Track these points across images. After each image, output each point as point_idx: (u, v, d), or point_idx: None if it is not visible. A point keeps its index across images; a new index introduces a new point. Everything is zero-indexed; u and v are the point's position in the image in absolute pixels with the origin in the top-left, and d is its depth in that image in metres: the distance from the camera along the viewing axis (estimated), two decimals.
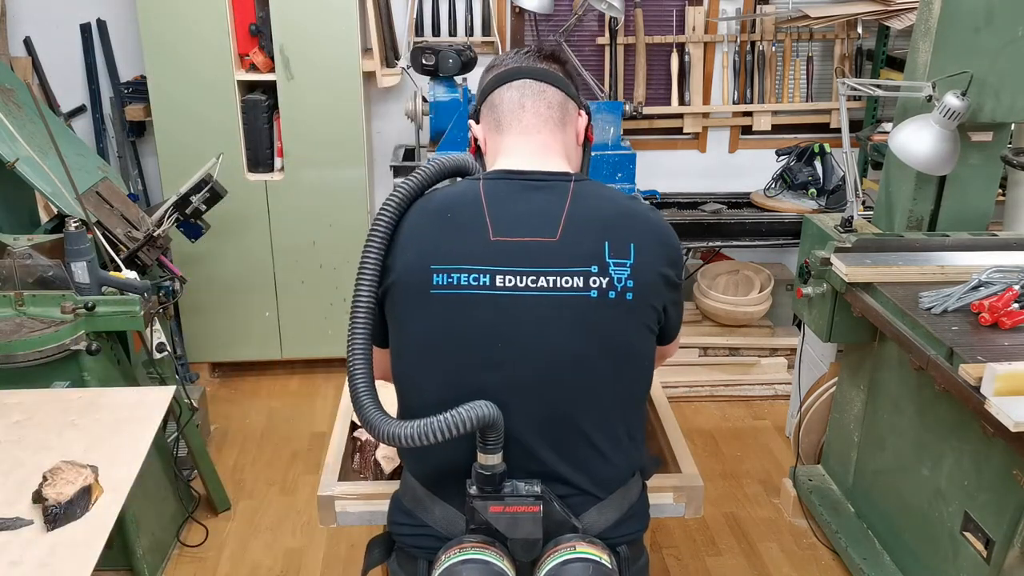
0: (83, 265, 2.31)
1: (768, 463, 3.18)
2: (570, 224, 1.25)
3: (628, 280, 1.24)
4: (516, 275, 1.23)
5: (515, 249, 1.24)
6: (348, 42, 3.32)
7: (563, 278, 1.23)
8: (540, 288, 1.23)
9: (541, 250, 1.24)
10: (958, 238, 2.41)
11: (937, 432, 2.16)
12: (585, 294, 1.23)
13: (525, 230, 1.25)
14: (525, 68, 1.36)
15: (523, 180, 1.30)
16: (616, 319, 1.25)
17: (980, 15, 2.19)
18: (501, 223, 1.25)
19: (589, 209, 1.28)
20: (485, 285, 1.23)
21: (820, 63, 3.93)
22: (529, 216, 1.27)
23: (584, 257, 1.24)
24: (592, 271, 1.23)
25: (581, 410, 1.26)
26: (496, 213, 1.26)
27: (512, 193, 1.29)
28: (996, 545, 1.92)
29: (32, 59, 3.68)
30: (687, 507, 1.59)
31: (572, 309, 1.23)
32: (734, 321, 3.73)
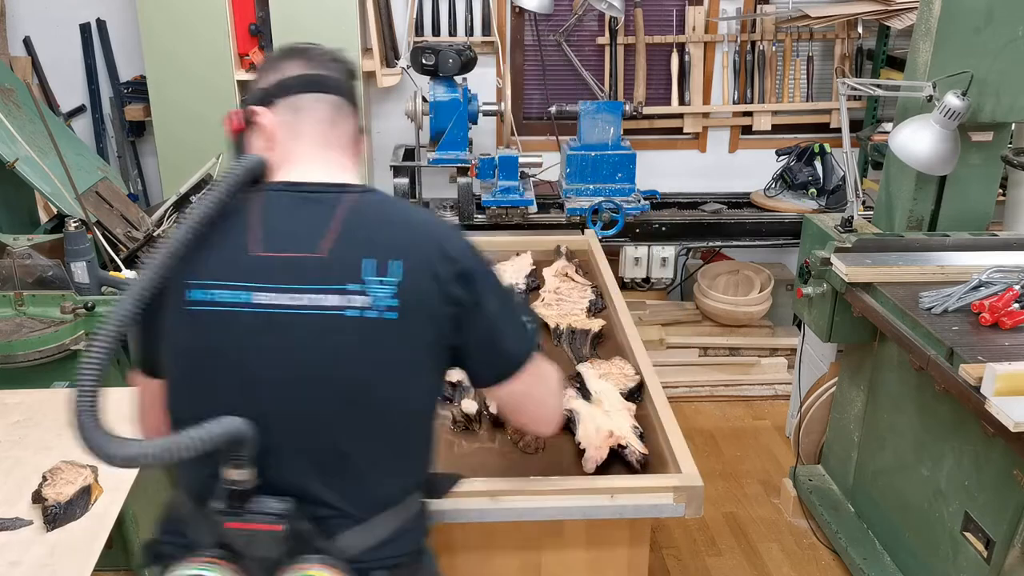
0: (83, 265, 2.31)
1: (768, 463, 3.18)
2: (339, 239, 1.19)
3: (391, 299, 1.16)
4: (275, 292, 1.17)
5: (277, 265, 1.18)
6: (348, 42, 3.31)
7: (322, 296, 1.16)
8: (300, 306, 1.16)
9: (304, 266, 1.17)
10: (958, 238, 2.41)
11: (937, 432, 2.16)
12: (340, 313, 1.16)
13: (291, 245, 1.18)
14: (332, 80, 1.30)
15: (300, 192, 1.23)
16: (376, 340, 1.17)
17: (980, 15, 2.19)
18: (267, 237, 1.19)
19: (361, 224, 1.21)
20: (243, 302, 1.17)
21: (820, 63, 3.93)
22: (298, 230, 1.20)
23: (346, 275, 1.17)
24: (350, 289, 1.17)
25: (339, 431, 1.20)
26: (263, 226, 1.20)
27: (286, 206, 1.22)
28: (996, 545, 1.92)
29: (32, 59, 3.68)
30: (687, 507, 1.58)
31: (329, 328, 1.17)
32: (734, 321, 3.73)
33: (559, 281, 2.51)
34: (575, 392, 1.90)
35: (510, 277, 2.52)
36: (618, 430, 1.72)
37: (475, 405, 1.84)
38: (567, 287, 2.47)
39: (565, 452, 1.74)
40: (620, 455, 1.68)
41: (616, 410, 1.81)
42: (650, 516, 1.65)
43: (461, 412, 1.83)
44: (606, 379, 1.93)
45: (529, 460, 1.72)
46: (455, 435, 1.81)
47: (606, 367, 1.99)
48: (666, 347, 3.71)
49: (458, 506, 1.56)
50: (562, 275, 2.55)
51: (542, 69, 3.87)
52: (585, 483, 1.60)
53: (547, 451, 1.75)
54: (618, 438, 1.69)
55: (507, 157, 3.32)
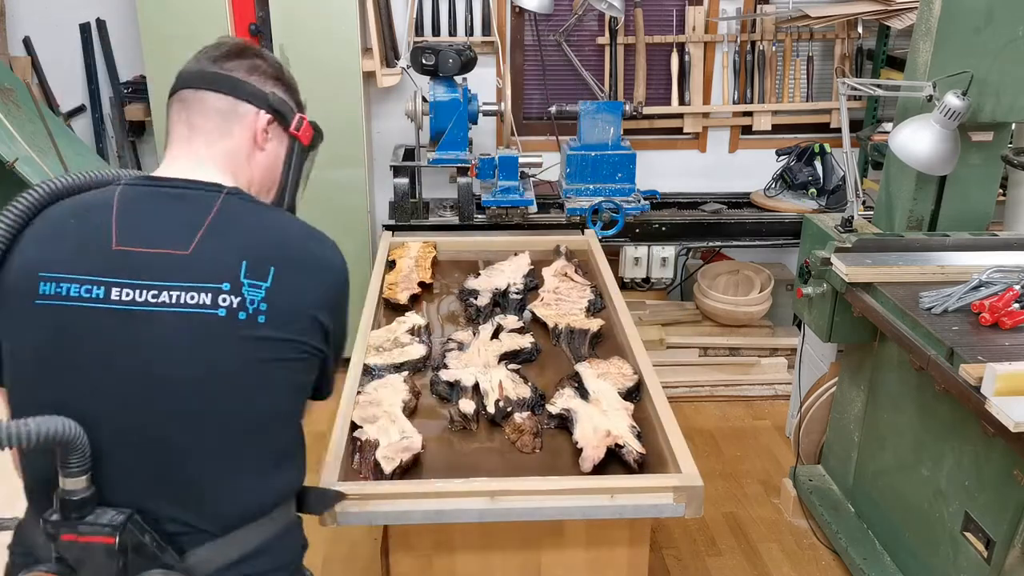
0: None
1: (768, 463, 3.17)
2: (208, 238, 1.15)
3: (262, 303, 1.14)
4: (135, 288, 1.12)
5: (139, 260, 1.13)
6: (348, 42, 3.31)
7: (189, 294, 1.12)
8: (161, 304, 1.12)
9: (169, 263, 1.13)
10: (958, 238, 2.41)
11: (937, 432, 2.16)
12: (212, 312, 1.12)
13: (156, 241, 1.14)
14: (189, 74, 1.28)
15: (165, 188, 1.20)
16: (245, 341, 1.14)
17: (980, 15, 2.19)
18: (130, 232, 1.15)
19: (234, 225, 1.18)
20: (98, 298, 1.12)
21: (820, 63, 3.93)
22: (163, 226, 1.16)
23: (217, 273, 1.13)
24: (223, 288, 1.13)
25: (193, 439, 1.14)
26: (126, 221, 1.15)
27: (150, 201, 1.19)
28: (996, 545, 1.92)
29: (32, 59, 3.68)
30: (687, 507, 1.58)
31: (196, 327, 1.12)
32: (734, 321, 3.73)
33: (558, 281, 2.51)
34: (573, 392, 1.90)
35: (508, 277, 2.52)
36: (616, 430, 1.72)
37: (473, 405, 1.85)
38: (566, 287, 2.48)
39: (563, 452, 1.74)
40: (617, 455, 1.68)
41: (614, 410, 1.81)
42: (650, 516, 1.65)
43: (459, 412, 1.83)
44: (604, 379, 1.94)
45: (527, 460, 1.73)
46: (453, 435, 1.81)
47: (604, 367, 1.99)
48: (666, 347, 3.71)
49: (458, 506, 1.56)
50: (561, 275, 2.55)
51: (542, 69, 3.86)
52: (585, 483, 1.60)
53: (545, 451, 1.75)
54: (615, 438, 1.69)
55: (507, 157, 3.32)
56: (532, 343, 2.14)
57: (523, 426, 1.78)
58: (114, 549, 1.09)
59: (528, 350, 2.11)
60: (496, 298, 2.41)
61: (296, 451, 1.29)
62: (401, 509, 1.57)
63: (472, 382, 1.91)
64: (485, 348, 2.09)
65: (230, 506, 1.19)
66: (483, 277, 2.54)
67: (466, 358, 2.05)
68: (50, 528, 1.10)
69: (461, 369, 1.99)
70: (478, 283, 2.49)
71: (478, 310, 2.35)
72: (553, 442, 1.78)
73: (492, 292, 2.42)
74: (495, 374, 1.93)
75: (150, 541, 1.12)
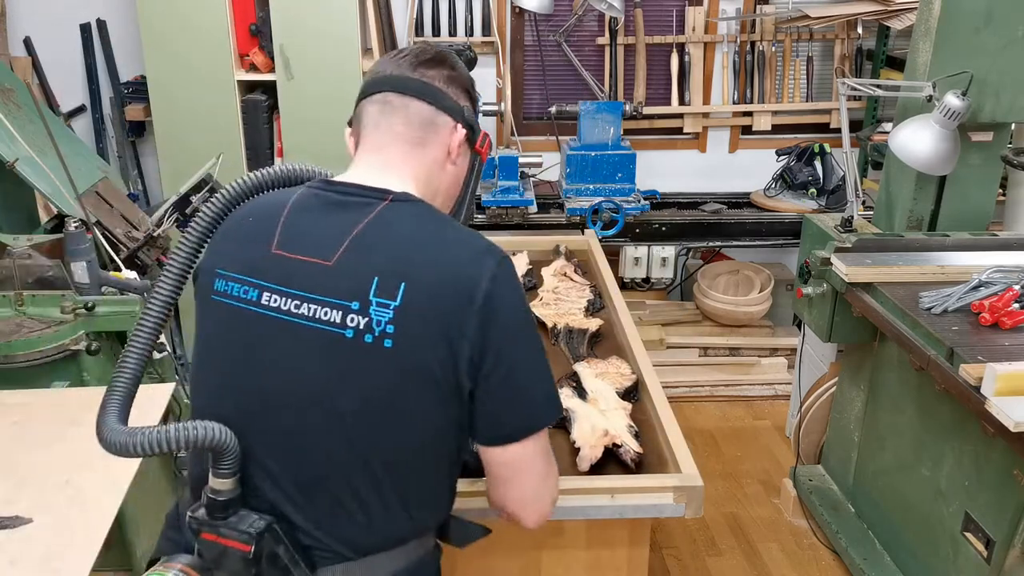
0: (83, 265, 2.31)
1: (768, 463, 3.17)
2: (352, 249, 1.10)
3: (388, 325, 1.06)
4: (283, 296, 1.10)
5: (290, 266, 1.11)
6: (348, 42, 3.32)
7: (323, 308, 1.08)
8: (300, 315, 1.09)
9: (314, 272, 1.09)
10: (958, 238, 2.41)
11: (937, 432, 2.16)
12: (340, 332, 1.07)
13: (309, 248, 1.11)
14: (391, 78, 1.20)
15: (334, 193, 1.17)
16: (371, 367, 1.07)
17: (980, 15, 2.19)
18: (290, 237, 1.13)
19: (383, 235, 1.11)
20: (252, 300, 1.12)
21: (820, 63, 3.93)
22: (320, 233, 1.12)
23: (349, 289, 1.08)
24: (352, 307, 1.07)
25: (326, 462, 1.11)
26: (290, 225, 1.14)
27: (318, 206, 1.16)
28: (996, 545, 1.92)
29: (32, 59, 3.68)
30: (687, 507, 1.58)
31: (325, 346, 1.08)
32: (734, 321, 3.73)
33: (557, 280, 2.51)
34: (571, 391, 1.90)
35: None
36: (613, 429, 1.72)
37: None
38: (565, 286, 2.47)
39: (561, 452, 1.74)
40: (615, 454, 1.68)
41: (612, 409, 1.81)
42: (650, 516, 1.65)
43: None
44: (602, 378, 1.93)
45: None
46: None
47: (603, 366, 1.99)
48: (666, 347, 3.71)
49: (458, 506, 1.56)
50: (561, 275, 2.55)
51: (542, 69, 3.87)
52: (585, 483, 1.60)
53: None
54: (613, 437, 1.69)
55: (507, 157, 3.32)
56: None
57: None
58: (249, 557, 1.08)
59: None
60: None
61: (442, 490, 1.21)
62: None
63: None
64: None
65: (367, 534, 1.14)
66: None
67: None
68: (194, 524, 1.11)
69: None
70: None
71: None
72: (551, 441, 1.77)
73: None
74: None
75: (284, 553, 1.10)
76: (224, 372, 1.16)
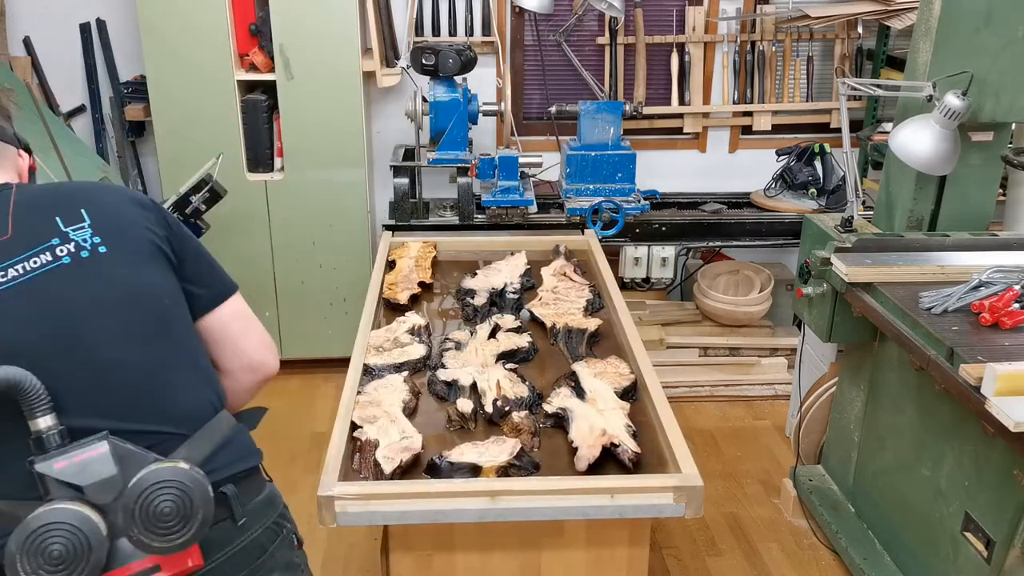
0: None
1: (768, 463, 3.17)
2: (16, 216, 1.29)
3: (94, 237, 1.28)
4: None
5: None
6: (348, 42, 3.32)
7: (30, 261, 1.25)
8: (13, 279, 1.24)
9: (3, 247, 1.26)
10: (958, 238, 2.41)
11: (937, 432, 2.16)
12: (58, 263, 1.26)
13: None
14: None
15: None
16: (103, 271, 1.28)
17: (980, 15, 2.19)
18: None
19: (32, 200, 1.32)
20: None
21: (820, 63, 3.93)
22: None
23: (40, 235, 1.27)
24: (55, 243, 1.27)
25: (120, 362, 1.27)
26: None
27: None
28: (996, 545, 1.92)
29: (32, 59, 3.68)
30: (687, 507, 1.58)
31: (54, 280, 1.25)
32: (734, 321, 3.73)
33: (557, 280, 2.51)
34: (569, 391, 1.90)
35: (505, 276, 2.53)
36: (611, 429, 1.72)
37: (471, 404, 1.85)
38: (564, 286, 2.48)
39: (559, 451, 1.74)
40: (613, 454, 1.68)
41: (610, 409, 1.81)
42: (650, 516, 1.65)
43: (457, 411, 1.84)
44: (601, 378, 1.94)
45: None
46: (451, 434, 1.81)
47: (601, 366, 1.99)
48: (666, 347, 3.71)
49: (458, 506, 1.57)
50: (560, 274, 2.55)
51: (542, 69, 3.87)
52: (585, 483, 1.60)
53: (541, 450, 1.75)
54: (611, 437, 1.69)
55: (507, 157, 3.32)
56: (529, 342, 2.14)
57: (521, 425, 1.78)
58: (107, 453, 1.18)
59: (525, 349, 2.11)
60: (493, 298, 2.41)
61: (194, 347, 1.39)
62: (401, 509, 1.57)
63: (470, 381, 1.92)
64: (482, 347, 2.09)
65: (183, 408, 1.30)
66: (480, 277, 2.54)
67: (463, 357, 2.05)
68: (41, 467, 1.16)
69: (459, 368, 1.99)
70: (475, 283, 2.49)
71: (475, 310, 2.35)
72: (549, 441, 1.78)
73: (489, 292, 2.42)
74: (492, 373, 1.93)
75: (136, 448, 1.21)
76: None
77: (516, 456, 1.66)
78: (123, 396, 1.26)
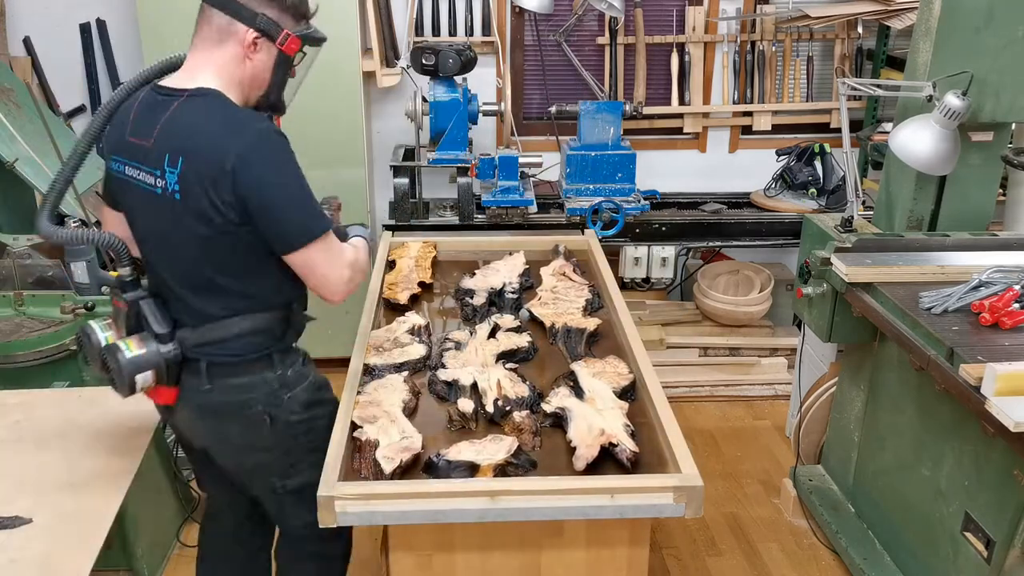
0: (83, 265, 2.31)
1: (768, 463, 3.18)
2: (160, 134, 1.59)
3: (175, 185, 1.58)
4: (135, 168, 1.64)
5: (134, 147, 1.63)
6: (348, 42, 3.32)
7: (148, 175, 1.61)
8: (141, 180, 1.63)
9: (141, 150, 1.62)
10: (958, 238, 2.41)
11: (937, 432, 2.16)
12: (153, 190, 1.61)
13: (141, 133, 1.62)
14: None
15: (156, 94, 1.65)
16: (172, 211, 1.60)
17: (980, 15, 2.19)
18: (136, 125, 1.64)
19: (176, 124, 1.59)
20: (121, 172, 1.67)
21: (820, 63, 3.93)
22: (148, 122, 1.62)
23: (157, 162, 1.59)
24: (157, 173, 1.60)
25: (178, 259, 1.67)
26: (136, 117, 1.65)
27: (149, 104, 1.65)
28: (996, 545, 1.92)
29: (32, 59, 3.68)
30: (687, 507, 1.58)
31: (152, 200, 1.62)
32: (734, 321, 3.73)
33: (556, 280, 2.51)
34: (568, 390, 1.90)
35: (504, 276, 2.52)
36: (610, 428, 1.72)
37: (471, 404, 1.85)
38: (564, 286, 2.48)
39: (558, 451, 1.74)
40: (611, 453, 1.68)
41: (608, 408, 1.81)
42: (650, 516, 1.65)
43: (458, 411, 1.84)
44: (599, 378, 1.94)
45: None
46: (452, 433, 1.81)
47: (600, 366, 1.99)
48: (666, 347, 3.71)
49: (458, 506, 1.57)
50: (559, 274, 2.55)
51: (542, 69, 3.87)
52: (585, 483, 1.60)
53: (540, 450, 1.75)
54: (609, 436, 1.69)
55: (507, 157, 3.32)
56: (529, 342, 2.14)
57: (522, 425, 1.78)
58: (123, 311, 1.70)
59: (525, 349, 2.11)
60: (492, 297, 2.41)
61: (262, 274, 1.71)
62: (401, 509, 1.57)
63: (470, 381, 1.92)
64: (482, 347, 2.09)
65: (205, 313, 1.70)
66: (479, 277, 2.54)
67: (463, 357, 2.05)
68: (111, 295, 1.75)
69: (459, 368, 1.99)
70: (474, 283, 2.49)
71: (474, 309, 2.35)
72: (548, 441, 1.78)
73: (488, 292, 2.42)
74: (493, 373, 1.93)
75: (147, 312, 1.70)
76: (129, 219, 1.75)
77: (513, 454, 1.66)
78: (183, 287, 1.70)
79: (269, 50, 1.67)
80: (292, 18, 1.71)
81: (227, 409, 1.74)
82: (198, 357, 1.70)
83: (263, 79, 1.70)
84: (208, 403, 1.73)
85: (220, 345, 1.70)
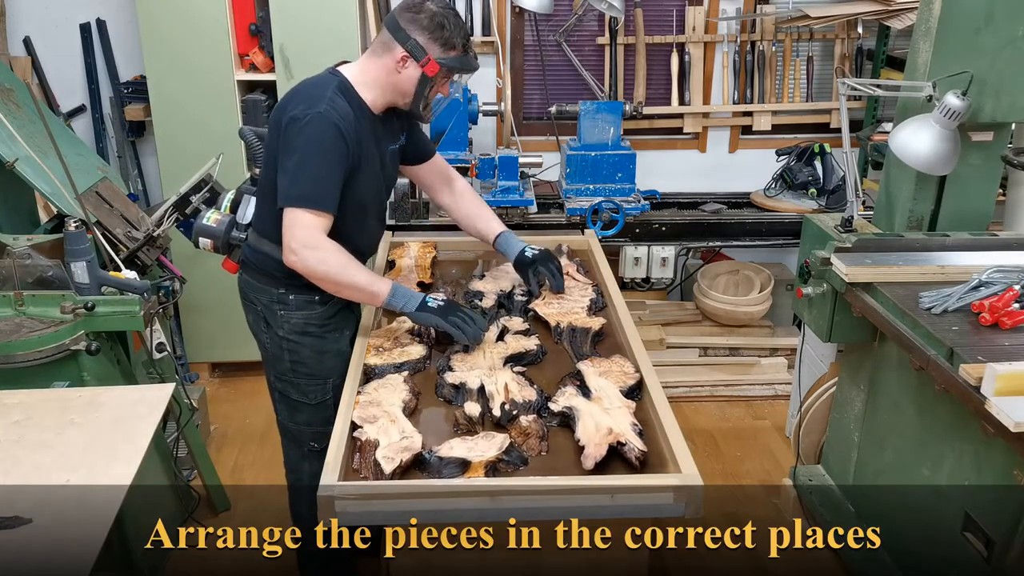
0: (83, 265, 2.31)
1: (768, 463, 3.17)
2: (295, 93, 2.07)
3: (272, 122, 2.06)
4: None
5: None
6: (348, 42, 3.31)
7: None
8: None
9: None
10: (958, 238, 2.41)
11: (937, 432, 2.16)
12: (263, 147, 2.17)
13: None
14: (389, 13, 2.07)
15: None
16: (268, 142, 2.08)
17: (980, 15, 2.19)
18: None
19: (291, 94, 2.09)
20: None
21: (820, 63, 3.93)
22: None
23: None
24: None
25: (263, 191, 2.15)
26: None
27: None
28: (996, 545, 1.92)
29: (32, 59, 3.68)
30: (687, 507, 1.59)
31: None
32: (734, 321, 3.73)
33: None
34: (575, 390, 1.90)
35: (513, 279, 2.52)
36: (617, 427, 1.72)
37: (478, 408, 1.84)
38: (568, 285, 2.47)
39: (565, 451, 1.74)
40: (619, 452, 1.68)
41: (615, 408, 1.81)
42: (650, 516, 1.65)
43: (464, 415, 1.83)
44: (606, 377, 1.93)
45: (530, 460, 1.72)
46: (459, 436, 1.81)
47: (606, 365, 1.99)
48: (666, 347, 3.71)
49: (458, 506, 1.56)
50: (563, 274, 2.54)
51: (542, 69, 3.87)
52: (585, 482, 1.60)
53: (547, 449, 1.75)
54: (617, 435, 1.69)
55: (507, 157, 3.32)
56: (538, 345, 2.13)
57: (529, 429, 1.77)
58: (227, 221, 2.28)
59: (534, 352, 2.10)
60: (501, 300, 2.40)
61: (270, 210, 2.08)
62: (401, 509, 1.57)
63: (477, 385, 1.91)
64: (490, 350, 2.08)
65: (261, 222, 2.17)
66: (488, 279, 2.53)
67: (471, 360, 2.04)
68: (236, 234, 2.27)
69: (466, 371, 1.98)
70: (483, 285, 2.48)
71: (483, 312, 2.34)
72: (555, 440, 1.77)
73: (497, 294, 2.42)
74: (500, 377, 1.93)
75: (243, 210, 2.25)
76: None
77: (504, 451, 1.66)
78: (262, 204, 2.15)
79: (415, 69, 2.01)
80: (440, 47, 2.00)
81: (244, 295, 2.24)
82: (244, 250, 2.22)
83: (407, 90, 2.04)
84: (239, 284, 2.26)
85: (251, 249, 2.18)
